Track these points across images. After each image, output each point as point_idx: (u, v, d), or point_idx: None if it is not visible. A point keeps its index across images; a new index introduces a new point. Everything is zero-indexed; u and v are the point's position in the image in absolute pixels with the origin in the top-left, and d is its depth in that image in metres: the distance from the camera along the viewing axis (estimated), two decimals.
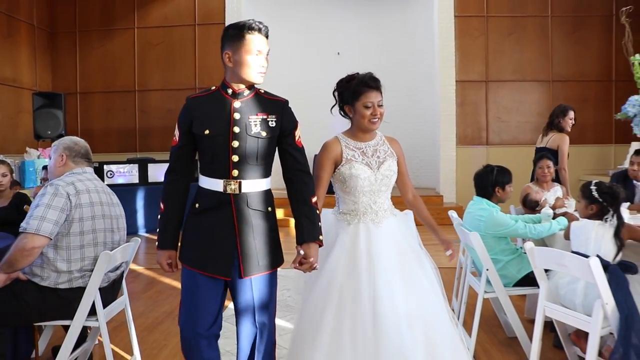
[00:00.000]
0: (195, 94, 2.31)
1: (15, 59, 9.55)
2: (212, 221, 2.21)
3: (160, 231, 2.30)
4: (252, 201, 2.22)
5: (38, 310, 2.74)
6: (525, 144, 9.74)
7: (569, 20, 10.07)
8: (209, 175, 2.23)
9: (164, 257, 2.29)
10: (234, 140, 2.18)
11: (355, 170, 2.52)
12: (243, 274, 2.21)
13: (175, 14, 10.37)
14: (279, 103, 2.29)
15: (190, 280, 2.25)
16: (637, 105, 3.36)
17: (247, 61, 2.18)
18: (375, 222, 2.53)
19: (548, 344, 3.48)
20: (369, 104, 2.53)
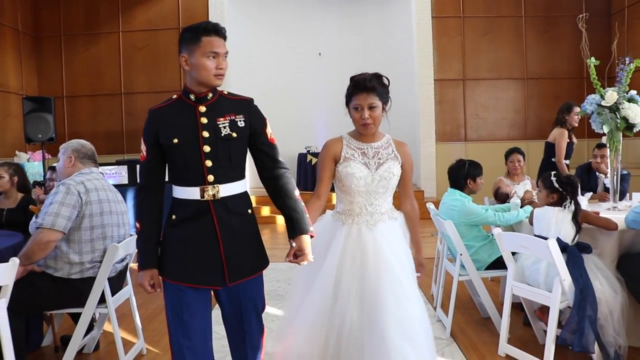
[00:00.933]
0: (157, 105, 2.22)
1: (1, 64, 9.68)
2: (192, 231, 2.14)
3: (140, 251, 2.21)
4: (232, 205, 2.16)
5: (52, 298, 3.00)
6: (502, 140, 10.14)
7: (541, 20, 10.46)
8: (184, 185, 2.16)
9: (147, 278, 2.17)
10: (205, 145, 2.12)
11: (351, 168, 2.48)
12: (228, 280, 2.15)
13: (159, 18, 10.56)
14: (245, 102, 2.24)
15: (176, 296, 2.17)
16: (594, 104, 3.66)
17: (203, 63, 2.10)
18: (369, 224, 2.48)
19: (519, 322, 3.82)
20: (357, 106, 2.46)
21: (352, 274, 2.39)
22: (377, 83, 2.46)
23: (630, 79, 3.76)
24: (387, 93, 2.51)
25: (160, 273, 2.21)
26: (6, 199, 4.15)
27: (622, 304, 3.01)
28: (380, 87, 2.46)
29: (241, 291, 2.20)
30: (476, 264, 3.62)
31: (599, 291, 2.93)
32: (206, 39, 2.10)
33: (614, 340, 2.98)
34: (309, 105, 11.28)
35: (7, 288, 2.76)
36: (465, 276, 3.65)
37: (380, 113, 2.48)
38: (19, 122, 9.98)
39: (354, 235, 2.46)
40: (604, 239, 3.21)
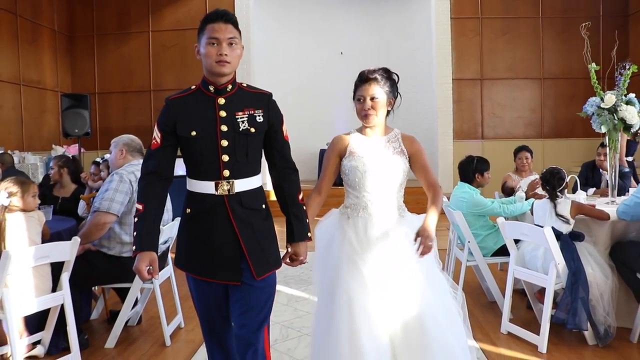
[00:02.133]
0: (174, 94, 2.18)
1: (39, 63, 10.21)
2: (208, 226, 2.11)
3: (138, 233, 2.10)
4: (246, 200, 2.13)
5: (106, 274, 3.43)
6: (518, 138, 10.36)
7: (558, 21, 10.69)
8: (199, 178, 2.12)
9: (144, 262, 2.07)
10: (223, 139, 2.08)
11: (355, 162, 2.44)
12: (256, 275, 2.11)
13: (188, 18, 11.00)
14: (264, 96, 2.20)
15: (199, 288, 2.20)
16: (595, 106, 3.97)
17: (206, 51, 2.07)
18: (374, 219, 2.42)
19: (522, 306, 4.16)
20: (360, 97, 2.44)
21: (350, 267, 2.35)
22: (382, 76, 2.43)
23: (628, 83, 4.05)
24: (392, 87, 2.47)
25: (177, 265, 2.22)
26: (61, 188, 4.60)
27: (612, 288, 3.35)
28: (385, 80, 2.43)
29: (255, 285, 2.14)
30: (483, 250, 3.97)
31: (590, 275, 3.27)
32: (209, 26, 2.07)
33: (605, 320, 3.32)
34: (331, 103, 11.65)
35: (70, 263, 3.20)
36: (473, 262, 4.00)
37: (384, 105, 2.44)
38: (54, 117, 10.54)
39: (361, 230, 2.41)
40: (598, 229, 3.54)
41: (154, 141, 2.12)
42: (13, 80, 9.39)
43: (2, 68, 9.11)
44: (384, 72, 2.45)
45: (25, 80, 9.69)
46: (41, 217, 3.28)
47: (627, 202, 3.41)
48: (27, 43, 9.83)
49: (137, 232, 2.11)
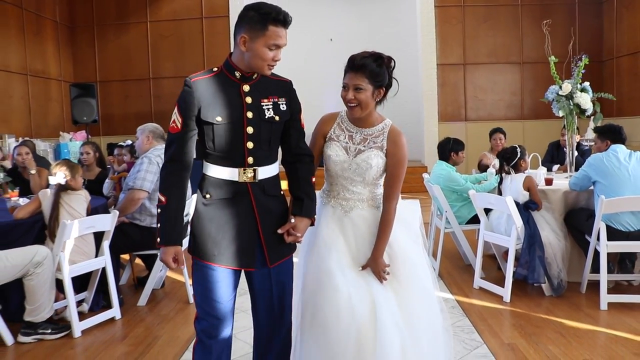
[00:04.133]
0: (196, 75, 2.08)
1: (43, 53, 10.67)
2: (230, 212, 2.08)
3: (162, 225, 2.08)
4: (268, 187, 2.12)
5: (138, 242, 4.04)
6: (500, 120, 11.00)
7: (537, 9, 11.23)
8: (222, 164, 2.08)
9: (170, 254, 2.06)
10: (249, 126, 2.05)
11: (330, 150, 2.35)
12: (269, 263, 2.12)
13: (184, 9, 11.47)
14: (286, 84, 2.19)
15: (207, 276, 2.10)
16: (554, 93, 4.59)
17: (263, 53, 2.00)
18: (345, 209, 2.35)
19: (494, 267, 4.82)
20: (345, 85, 2.29)
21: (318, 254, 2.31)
22: (371, 64, 2.22)
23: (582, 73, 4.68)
24: (382, 76, 2.25)
25: (190, 252, 2.14)
26: (88, 171, 5.18)
27: (563, 248, 4.00)
28: (374, 69, 2.22)
29: (273, 272, 2.16)
30: (458, 219, 4.62)
31: (544, 237, 3.92)
32: (273, 28, 1.99)
33: (558, 274, 3.99)
34: (321, 88, 12.17)
35: (110, 232, 3.82)
36: (450, 229, 4.66)
37: (369, 97, 2.24)
38: (59, 105, 11.05)
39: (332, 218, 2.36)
40: (554, 198, 4.19)
41: (174, 125, 2.05)
42: (21, 71, 9.87)
43: (11, 59, 9.59)
44: (374, 59, 2.23)
45: (31, 70, 10.16)
46: (87, 195, 3.88)
47: (577, 175, 4.06)
48: (32, 35, 10.29)
49: (160, 224, 2.08)
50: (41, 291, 3.46)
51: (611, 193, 3.72)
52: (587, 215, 3.98)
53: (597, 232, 3.75)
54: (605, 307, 3.72)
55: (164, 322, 3.84)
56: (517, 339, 3.31)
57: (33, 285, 3.42)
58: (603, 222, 3.73)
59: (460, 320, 3.65)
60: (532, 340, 3.27)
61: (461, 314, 3.76)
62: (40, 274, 3.42)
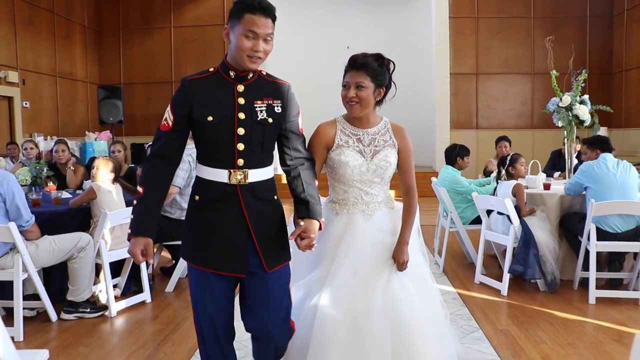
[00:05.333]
0: (192, 75, 2.07)
1: (71, 56, 11.19)
2: (218, 215, 2.04)
3: (135, 217, 2.03)
4: (259, 191, 2.07)
5: (168, 233, 4.43)
6: (510, 128, 11.33)
7: (549, 21, 11.58)
8: (212, 165, 2.04)
9: (139, 245, 2.00)
10: (240, 127, 2.00)
11: (345, 157, 2.32)
12: (267, 268, 2.06)
13: (207, 15, 11.95)
14: (284, 87, 2.13)
15: (201, 280, 2.09)
16: (555, 104, 4.93)
17: (240, 42, 1.96)
18: (365, 214, 2.35)
19: (495, 266, 5.15)
20: (345, 83, 2.30)
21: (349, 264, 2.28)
22: (372, 62, 2.26)
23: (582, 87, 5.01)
24: (383, 75, 2.29)
25: (183, 256, 2.17)
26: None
27: (555, 247, 4.32)
28: (376, 68, 2.26)
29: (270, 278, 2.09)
30: (462, 220, 4.97)
31: (538, 237, 4.25)
32: (249, 16, 1.95)
33: (552, 271, 4.31)
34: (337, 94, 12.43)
35: None
36: (454, 228, 5.01)
37: (370, 95, 2.27)
38: (84, 106, 11.55)
39: (351, 226, 2.33)
40: (551, 202, 4.53)
41: (165, 122, 2.04)
42: (50, 73, 10.40)
43: (42, 62, 10.11)
44: (375, 58, 2.28)
45: (60, 72, 10.69)
46: (120, 189, 4.30)
47: (571, 181, 4.39)
48: (62, 38, 10.81)
49: (134, 215, 2.05)
50: (83, 274, 3.86)
51: (601, 197, 4.05)
52: (579, 218, 4.31)
53: (588, 233, 4.09)
54: (594, 302, 4.05)
55: (190, 306, 4.20)
56: (510, 326, 3.66)
57: (76, 268, 3.83)
58: (593, 223, 4.06)
59: (459, 309, 3.99)
60: (523, 327, 3.61)
61: (461, 304, 4.10)
62: (83, 258, 3.83)
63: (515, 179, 4.54)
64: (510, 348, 3.29)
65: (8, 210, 3.48)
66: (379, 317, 2.19)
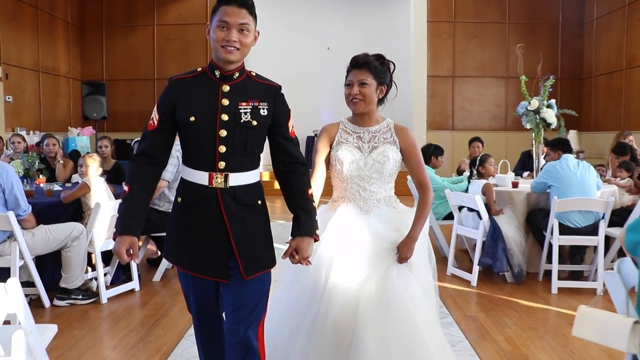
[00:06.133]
0: (179, 75, 2.06)
1: (54, 51, 11.23)
2: (198, 218, 2.01)
3: (120, 215, 2.00)
4: (241, 195, 2.01)
5: (156, 225, 4.63)
6: (485, 130, 11.66)
7: (523, 27, 11.95)
8: (193, 167, 2.01)
9: (124, 244, 1.95)
10: (222, 129, 1.96)
11: (342, 151, 2.39)
12: (244, 275, 2.00)
13: (190, 14, 12.08)
14: (272, 89, 2.07)
15: (186, 282, 2.13)
16: (524, 108, 5.26)
17: (214, 34, 1.95)
18: (363, 209, 2.38)
19: (467, 259, 5.45)
20: (349, 82, 2.38)
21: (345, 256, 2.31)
22: (374, 61, 2.36)
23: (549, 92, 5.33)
24: (385, 74, 2.40)
25: (165, 256, 2.22)
26: (105, 163, 5.77)
27: (521, 242, 4.63)
28: (377, 66, 2.36)
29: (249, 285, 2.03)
30: (435, 215, 5.26)
31: (506, 232, 4.55)
32: (222, 7, 1.95)
33: (518, 264, 4.62)
34: (318, 94, 12.83)
35: None
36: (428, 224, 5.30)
37: (373, 92, 2.37)
38: (66, 101, 11.61)
39: (346, 218, 2.37)
40: (519, 199, 4.84)
41: (151, 122, 2.03)
42: (33, 67, 10.44)
43: (25, 56, 10.16)
44: (376, 58, 2.39)
45: (43, 67, 10.73)
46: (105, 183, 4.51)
47: (536, 180, 4.71)
48: (45, 33, 10.85)
49: (119, 214, 2.02)
50: (76, 262, 4.05)
51: (563, 195, 4.37)
52: (544, 214, 4.63)
53: (552, 228, 4.40)
54: (556, 291, 4.37)
55: (177, 295, 4.43)
56: (478, 312, 3.95)
57: (69, 256, 4.02)
58: (556, 219, 4.38)
59: None
60: (490, 314, 3.91)
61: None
62: (76, 247, 4.02)
63: (485, 178, 4.84)
64: (477, 331, 3.58)
65: (7, 199, 3.66)
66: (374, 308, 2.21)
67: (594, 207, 4.38)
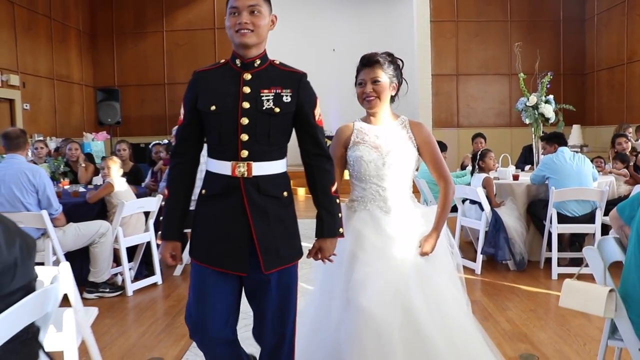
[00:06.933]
0: (202, 67, 2.07)
1: (67, 59, 11.56)
2: (221, 209, 1.97)
3: (163, 220, 2.06)
4: (265, 186, 1.97)
5: None
6: (489, 127, 11.87)
7: (525, 24, 12.15)
8: (217, 157, 1.98)
9: (168, 249, 2.02)
10: (243, 117, 1.93)
11: (359, 152, 2.36)
12: (264, 269, 1.96)
13: (198, 20, 12.37)
14: (296, 75, 2.04)
15: (200, 277, 2.02)
16: (523, 104, 5.50)
17: (227, 22, 1.96)
18: (383, 210, 2.34)
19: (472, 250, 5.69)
20: (361, 81, 2.38)
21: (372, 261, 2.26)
22: (385, 59, 2.37)
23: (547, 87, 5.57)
24: (396, 71, 2.41)
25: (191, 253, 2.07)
26: (124, 165, 6.05)
27: (522, 232, 4.87)
28: (388, 64, 2.37)
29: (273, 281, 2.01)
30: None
31: (507, 222, 4.79)
32: None
33: (520, 252, 4.86)
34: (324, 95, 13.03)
35: (154, 213, 4.70)
36: None
37: (386, 89, 2.37)
38: (80, 107, 11.93)
39: (369, 221, 2.34)
40: (519, 191, 5.08)
41: (180, 118, 2.06)
42: (49, 76, 10.77)
43: (41, 65, 10.49)
44: (387, 55, 2.40)
45: (57, 75, 11.06)
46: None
47: (535, 172, 4.96)
48: (59, 42, 11.18)
49: (162, 218, 2.09)
50: (103, 257, 4.33)
51: (560, 185, 4.61)
52: (543, 205, 4.86)
53: (550, 217, 4.64)
54: (556, 277, 4.60)
55: None
56: (481, 297, 4.20)
57: (97, 252, 4.30)
58: (554, 209, 4.62)
59: None
60: (493, 299, 4.15)
61: None
62: (103, 243, 4.30)
63: (486, 172, 5.08)
64: (480, 314, 3.82)
65: (40, 200, 3.95)
66: (414, 311, 2.18)
67: (589, 196, 4.61)
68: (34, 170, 3.93)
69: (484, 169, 5.10)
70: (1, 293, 1.63)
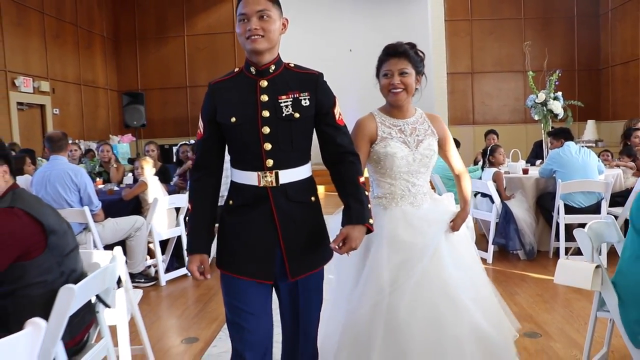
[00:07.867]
0: (217, 78, 2.03)
1: (93, 65, 12.00)
2: (249, 219, 1.95)
3: (189, 234, 2.04)
4: (293, 193, 1.95)
5: None
6: (504, 123, 12.07)
7: (539, 22, 12.31)
8: (242, 168, 1.96)
9: (195, 263, 1.97)
10: (264, 126, 1.91)
11: (391, 148, 2.28)
12: (290, 276, 1.96)
13: (218, 24, 12.71)
14: (312, 77, 2.01)
15: (232, 287, 1.98)
16: (532, 101, 5.74)
17: (238, 29, 1.94)
18: (414, 205, 2.30)
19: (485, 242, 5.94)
20: (387, 72, 2.28)
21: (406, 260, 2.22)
22: (410, 50, 2.31)
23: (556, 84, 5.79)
24: (421, 63, 2.35)
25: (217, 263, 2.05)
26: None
27: (531, 223, 5.12)
28: (414, 55, 2.31)
29: (300, 285, 2.00)
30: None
31: (517, 213, 5.04)
32: (240, 2, 1.93)
33: (530, 242, 5.11)
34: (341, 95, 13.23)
35: (184, 208, 5.03)
36: None
37: (413, 81, 2.30)
38: (105, 111, 12.37)
39: (401, 218, 2.28)
40: (528, 184, 5.32)
41: (199, 130, 2.03)
42: (76, 81, 11.21)
43: (68, 71, 10.93)
44: (411, 46, 2.34)
45: (84, 80, 11.49)
46: None
47: (543, 166, 5.20)
48: (84, 49, 11.62)
49: (187, 232, 2.09)
50: (138, 249, 4.68)
51: (567, 178, 4.86)
52: (552, 197, 5.11)
53: (558, 208, 4.88)
54: None
55: None
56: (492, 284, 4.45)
57: (133, 245, 4.65)
58: (562, 200, 4.87)
59: None
60: (502, 285, 4.41)
61: None
62: (139, 237, 4.65)
63: (496, 166, 5.33)
64: None
65: (82, 197, 4.30)
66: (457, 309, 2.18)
67: (595, 188, 4.85)
68: (76, 170, 4.28)
69: (494, 163, 5.35)
70: (67, 250, 2.09)
